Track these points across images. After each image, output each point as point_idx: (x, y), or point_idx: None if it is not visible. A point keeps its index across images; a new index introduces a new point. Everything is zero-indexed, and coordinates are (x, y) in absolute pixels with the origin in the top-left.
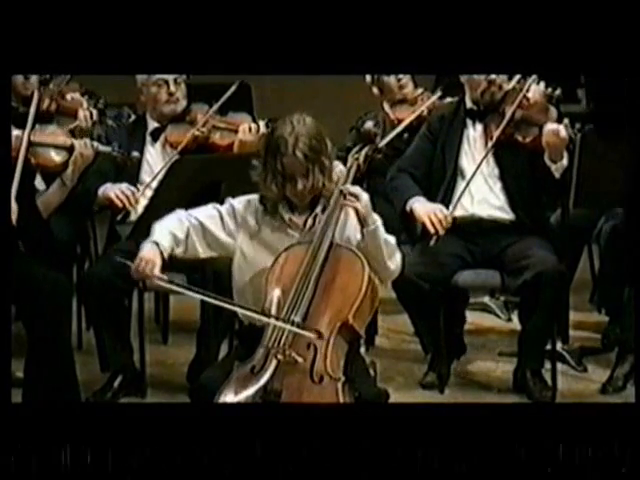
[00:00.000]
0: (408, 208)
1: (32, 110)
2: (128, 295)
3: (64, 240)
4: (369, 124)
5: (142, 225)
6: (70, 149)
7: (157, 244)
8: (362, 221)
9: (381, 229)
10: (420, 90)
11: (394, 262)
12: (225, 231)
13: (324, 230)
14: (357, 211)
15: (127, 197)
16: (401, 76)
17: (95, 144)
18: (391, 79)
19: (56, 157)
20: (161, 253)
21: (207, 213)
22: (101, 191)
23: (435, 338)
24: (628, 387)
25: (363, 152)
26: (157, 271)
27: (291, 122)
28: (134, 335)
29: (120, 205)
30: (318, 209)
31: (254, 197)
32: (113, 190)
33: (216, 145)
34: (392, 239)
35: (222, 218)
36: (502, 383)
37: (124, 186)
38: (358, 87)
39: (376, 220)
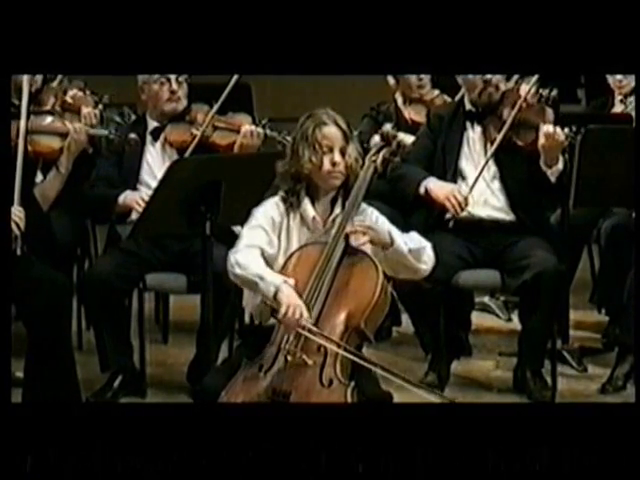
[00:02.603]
0: (422, 189)
1: (25, 95)
2: (128, 295)
3: (64, 240)
4: (387, 126)
5: (142, 225)
6: (66, 135)
7: (287, 282)
8: (381, 247)
9: (401, 246)
10: (436, 92)
11: (424, 262)
12: (271, 246)
13: (339, 232)
14: (371, 242)
15: None
16: (422, 75)
17: (91, 130)
18: (412, 75)
19: (53, 143)
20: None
21: (259, 235)
22: (121, 199)
23: (435, 338)
24: (628, 387)
25: (381, 154)
26: (306, 314)
27: (324, 109)
28: (134, 335)
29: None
30: (338, 209)
31: (277, 199)
32: (135, 199)
33: (216, 145)
34: (415, 240)
35: (268, 234)
36: (502, 383)
37: (144, 194)
38: (358, 87)
39: (394, 239)
